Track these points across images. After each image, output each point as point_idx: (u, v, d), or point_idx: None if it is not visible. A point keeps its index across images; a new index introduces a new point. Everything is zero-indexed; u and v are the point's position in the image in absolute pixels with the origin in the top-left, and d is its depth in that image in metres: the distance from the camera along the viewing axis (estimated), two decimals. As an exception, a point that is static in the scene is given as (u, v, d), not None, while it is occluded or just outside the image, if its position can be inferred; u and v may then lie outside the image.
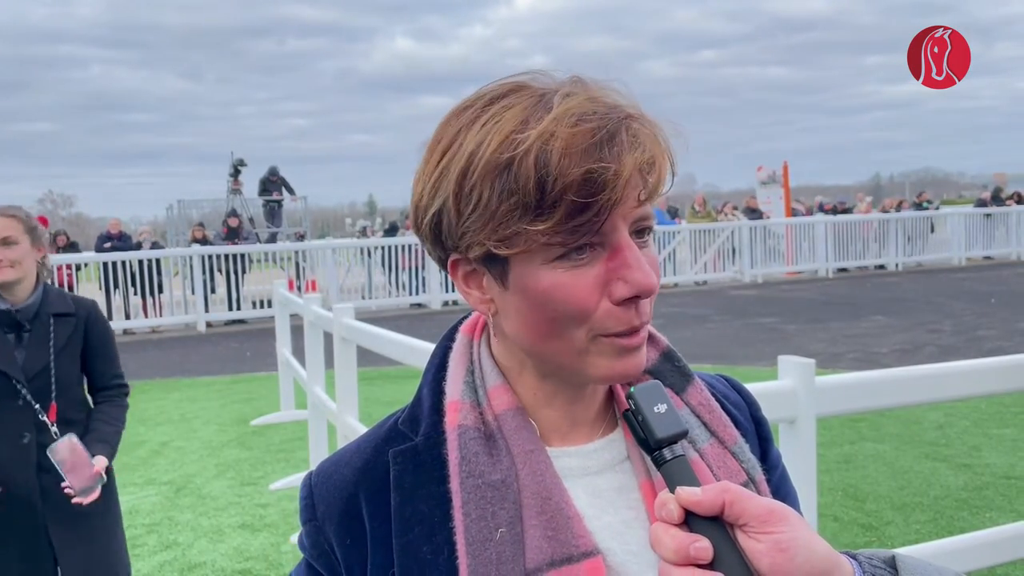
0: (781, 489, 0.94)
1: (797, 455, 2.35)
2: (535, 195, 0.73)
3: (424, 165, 0.82)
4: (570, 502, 0.80)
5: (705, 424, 0.87)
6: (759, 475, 0.86)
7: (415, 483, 0.83)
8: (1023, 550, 2.80)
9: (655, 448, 0.73)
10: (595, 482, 0.84)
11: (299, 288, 14.99)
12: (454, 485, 0.81)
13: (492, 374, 0.86)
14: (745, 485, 0.84)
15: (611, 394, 0.89)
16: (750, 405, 0.97)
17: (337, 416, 4.56)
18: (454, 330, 0.93)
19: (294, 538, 4.68)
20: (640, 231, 0.79)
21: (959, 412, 6.71)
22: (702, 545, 0.67)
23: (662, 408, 0.74)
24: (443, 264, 0.84)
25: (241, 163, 19.28)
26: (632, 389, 0.76)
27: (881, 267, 19.65)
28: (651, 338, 0.90)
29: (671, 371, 0.89)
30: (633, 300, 0.78)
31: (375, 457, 0.86)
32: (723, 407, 0.91)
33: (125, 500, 5.54)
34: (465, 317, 0.94)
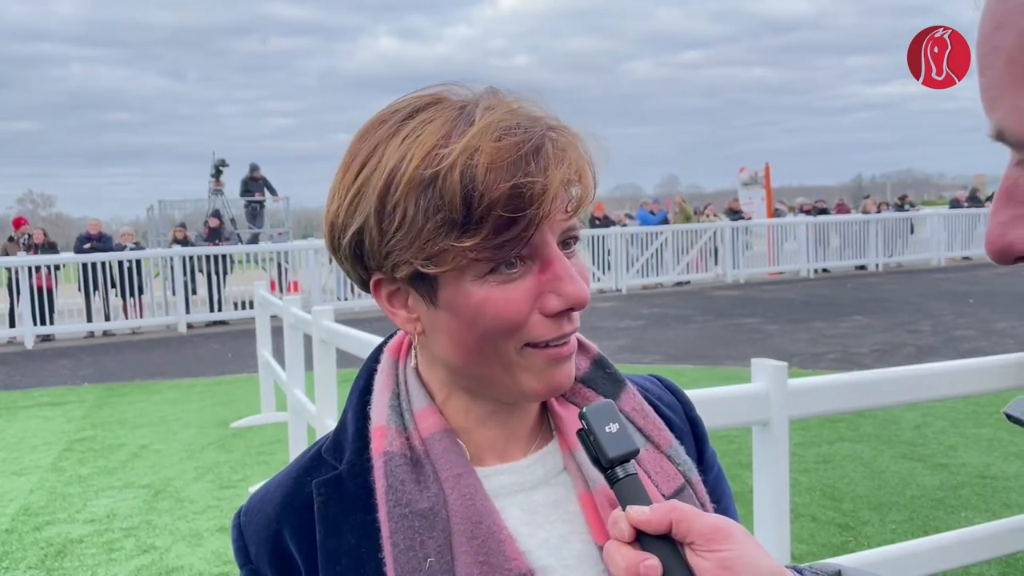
0: (717, 488, 0.94)
1: (770, 457, 2.36)
2: (461, 211, 0.71)
3: (339, 181, 0.79)
4: (502, 524, 0.79)
5: (640, 429, 0.87)
6: (695, 476, 0.87)
7: (340, 514, 0.81)
8: (997, 549, 2.83)
9: (607, 467, 0.74)
10: (530, 498, 0.83)
11: (281, 289, 14.95)
12: (382, 515, 0.78)
13: (418, 396, 0.84)
14: (682, 488, 0.85)
15: (545, 406, 0.89)
16: (684, 405, 0.97)
17: (316, 418, 4.55)
18: (379, 351, 0.90)
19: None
20: (567, 241, 0.79)
21: (936, 412, 6.77)
22: (651, 563, 0.69)
23: (614, 428, 0.74)
24: (364, 284, 0.82)
25: (223, 163, 19.16)
26: (584, 410, 0.76)
27: (862, 267, 19.79)
28: (582, 346, 0.90)
29: (603, 378, 0.89)
30: (565, 311, 0.78)
31: (296, 489, 0.84)
32: (657, 410, 0.92)
33: (103, 504, 5.53)
34: (391, 336, 0.92)
